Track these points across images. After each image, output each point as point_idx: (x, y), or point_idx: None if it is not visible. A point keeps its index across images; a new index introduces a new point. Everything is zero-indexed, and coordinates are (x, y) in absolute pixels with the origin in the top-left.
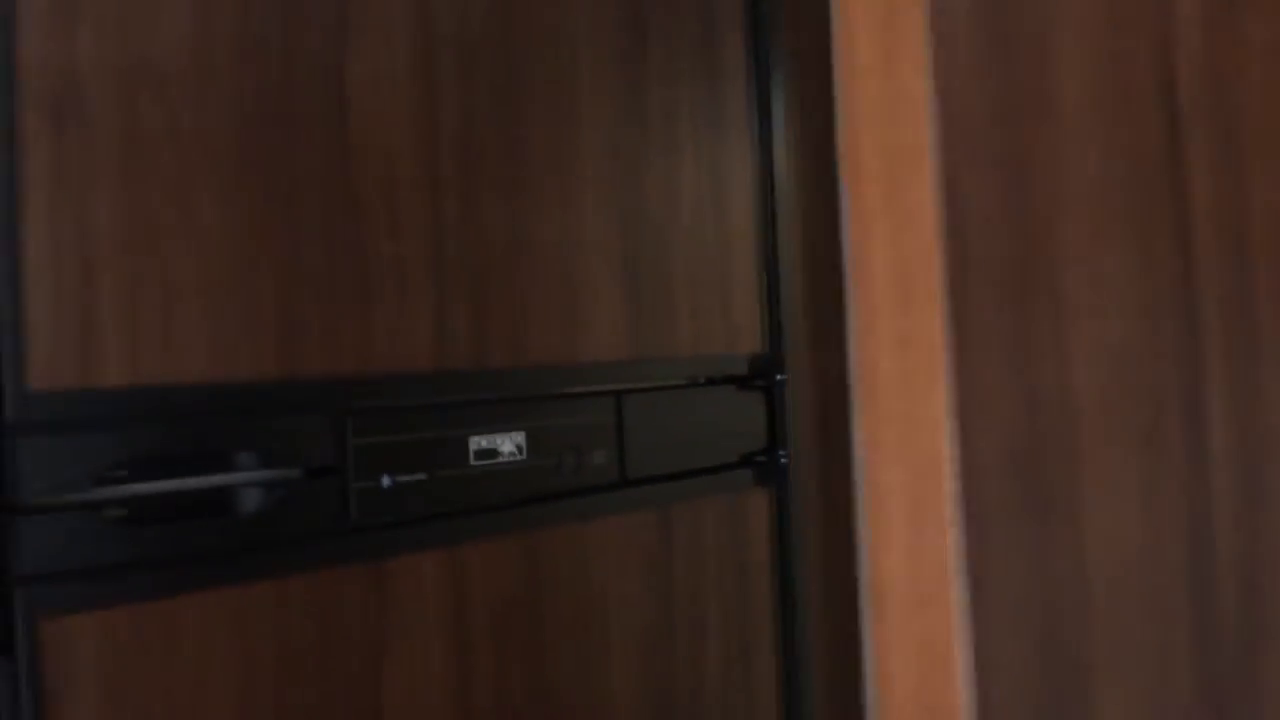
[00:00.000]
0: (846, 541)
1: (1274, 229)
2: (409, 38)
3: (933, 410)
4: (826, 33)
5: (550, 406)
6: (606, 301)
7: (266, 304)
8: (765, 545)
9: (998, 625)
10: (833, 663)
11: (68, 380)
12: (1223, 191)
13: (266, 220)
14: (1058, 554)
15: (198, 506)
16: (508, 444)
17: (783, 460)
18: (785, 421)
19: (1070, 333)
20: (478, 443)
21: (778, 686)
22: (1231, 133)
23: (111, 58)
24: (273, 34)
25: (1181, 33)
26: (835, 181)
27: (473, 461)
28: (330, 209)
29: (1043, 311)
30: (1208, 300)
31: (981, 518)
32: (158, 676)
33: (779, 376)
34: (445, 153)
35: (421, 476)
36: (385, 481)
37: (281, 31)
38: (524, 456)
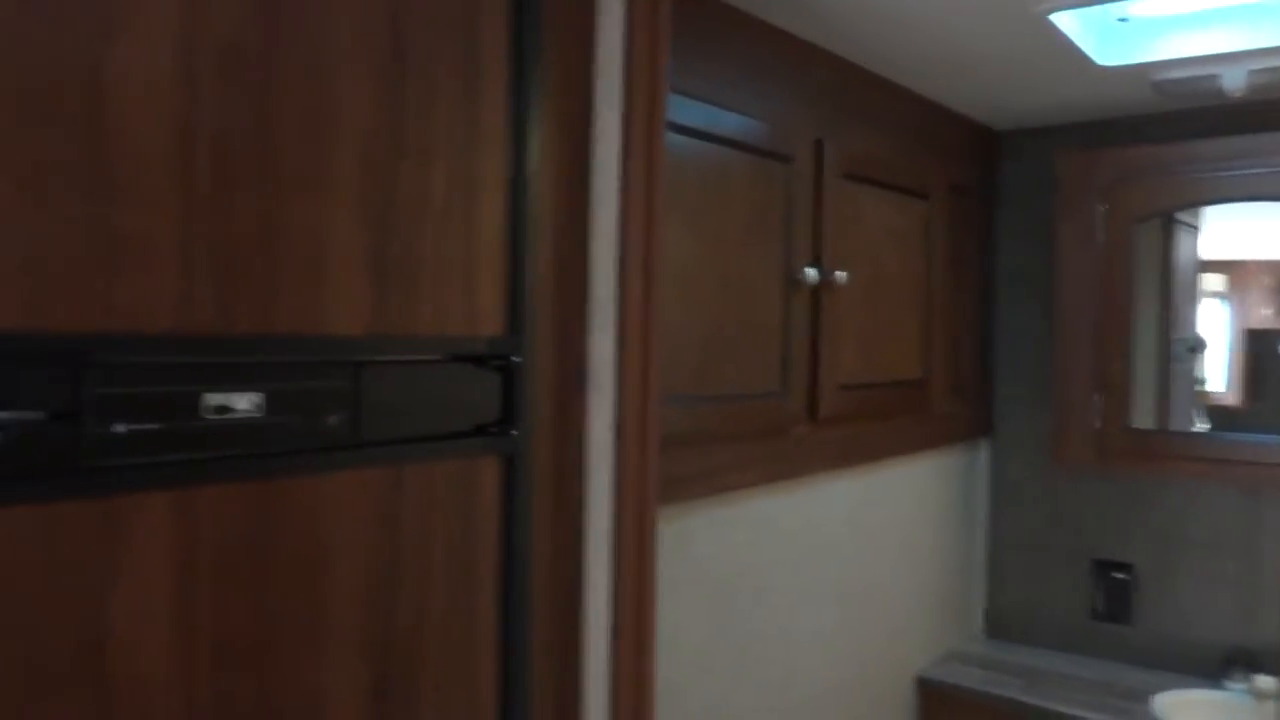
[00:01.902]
0: (573, 508)
1: None
2: (170, 34)
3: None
4: (587, 40)
5: (290, 371)
6: (352, 284)
7: (14, 264)
8: (494, 506)
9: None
10: (553, 613)
11: None
12: None
13: (19, 194)
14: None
15: None
16: (244, 402)
17: (513, 433)
18: (518, 398)
19: None
20: (213, 399)
21: (498, 636)
22: None
23: None
24: (36, 28)
25: None
26: (585, 187)
27: (209, 415)
28: (86, 186)
29: None
30: None
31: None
32: None
33: (515, 358)
34: (201, 142)
35: (155, 426)
36: (119, 428)
37: (46, 23)
38: (262, 415)
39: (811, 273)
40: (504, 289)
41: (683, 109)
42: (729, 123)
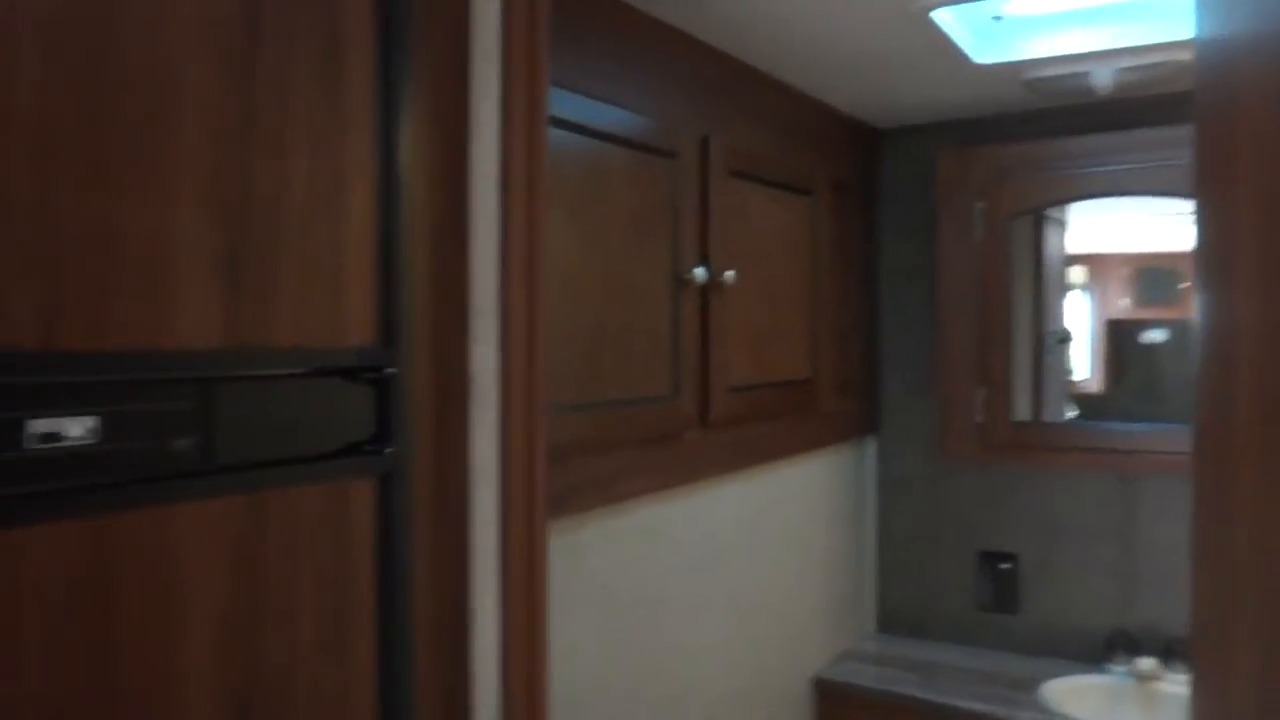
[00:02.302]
0: (457, 526)
1: None
2: None
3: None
4: (461, 27)
5: (129, 391)
6: (201, 292)
7: None
8: (369, 532)
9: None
10: (436, 642)
11: None
12: None
13: None
14: None
15: None
16: (75, 428)
17: (388, 451)
18: (394, 414)
19: None
20: (38, 426)
21: (377, 675)
22: None
23: None
24: None
25: None
26: (463, 185)
27: (34, 445)
28: None
29: None
30: None
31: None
32: None
33: (389, 370)
34: (16, 138)
35: None
36: None
37: None
38: (96, 441)
39: (700, 272)
40: (375, 295)
41: (563, 102)
42: (612, 117)
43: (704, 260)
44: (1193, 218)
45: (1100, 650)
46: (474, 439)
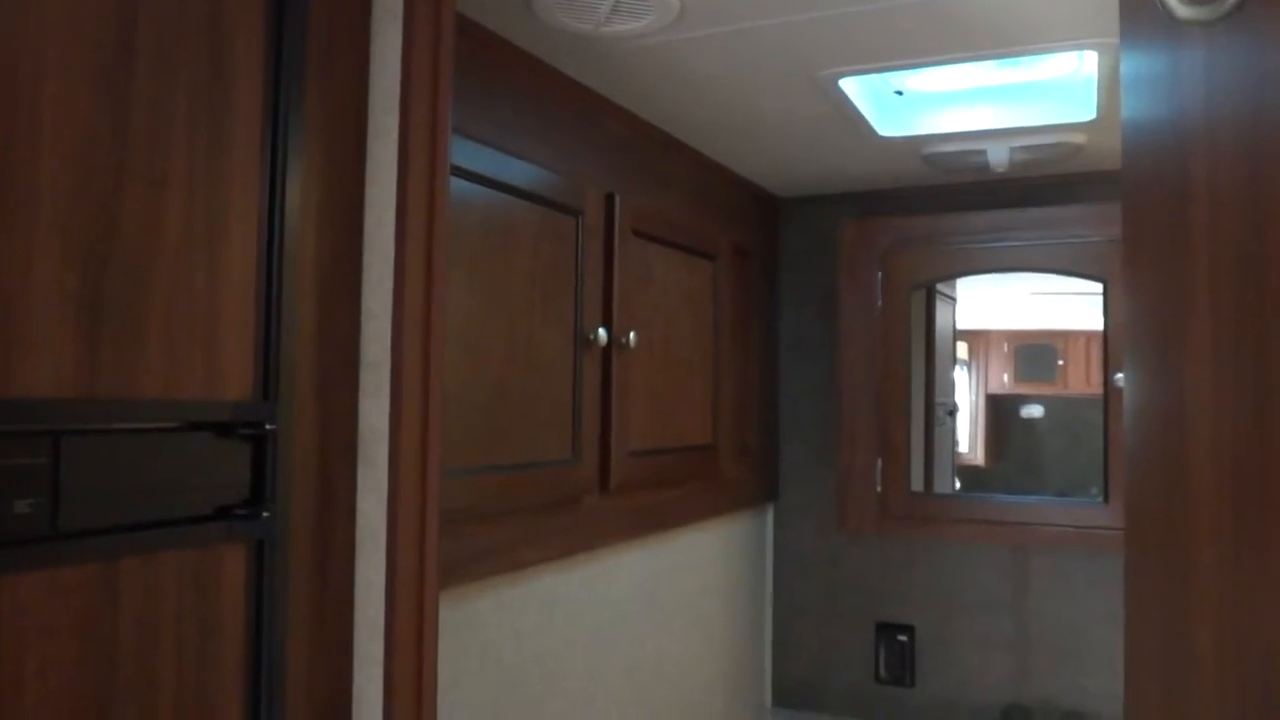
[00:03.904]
0: (340, 596)
1: None
2: None
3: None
4: (359, 64)
5: None
6: (52, 335)
7: None
8: (240, 605)
9: None
10: (311, 710)
11: None
12: None
13: None
14: None
15: None
16: None
17: (265, 515)
18: (272, 474)
19: None
20: None
21: None
22: None
23: None
24: None
25: None
26: (356, 231)
27: None
28: None
29: None
30: None
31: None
32: None
33: (269, 426)
34: None
35: None
36: None
37: None
38: None
39: (602, 333)
40: (255, 345)
41: (467, 153)
42: (518, 171)
43: (607, 321)
44: (1097, 296)
45: None
46: (361, 502)
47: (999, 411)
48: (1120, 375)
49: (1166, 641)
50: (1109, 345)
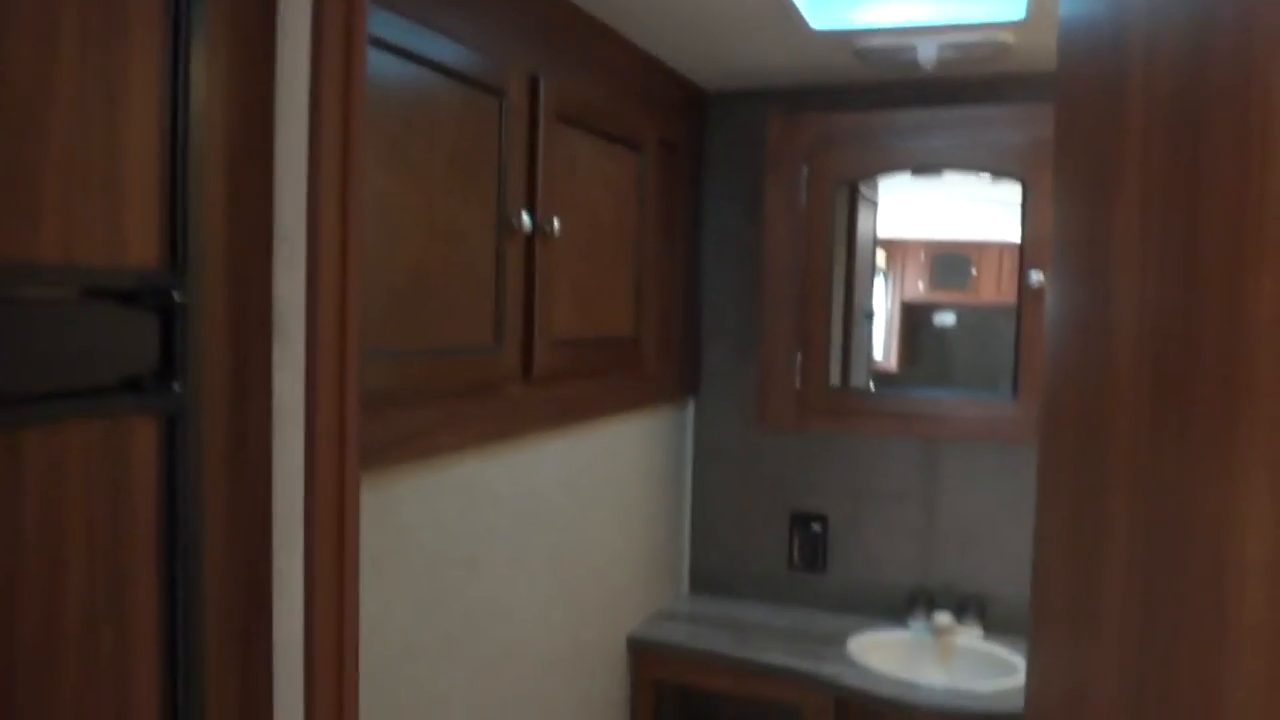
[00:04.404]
0: (258, 476)
1: None
2: None
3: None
4: None
5: None
6: None
7: None
8: (152, 480)
9: None
10: (230, 605)
11: None
12: None
13: None
14: None
15: None
16: None
17: (175, 388)
18: (182, 346)
19: None
20: None
21: (157, 642)
22: None
23: None
24: None
25: None
26: (268, 94)
27: None
28: None
29: None
30: None
31: None
32: None
33: (176, 295)
34: None
35: None
36: None
37: None
38: None
39: (526, 219)
40: (160, 211)
41: (386, 24)
42: (439, 46)
43: (530, 207)
44: (1017, 201)
45: (902, 607)
46: (277, 379)
47: (913, 319)
48: (1036, 273)
49: (1078, 517)
50: (1024, 247)
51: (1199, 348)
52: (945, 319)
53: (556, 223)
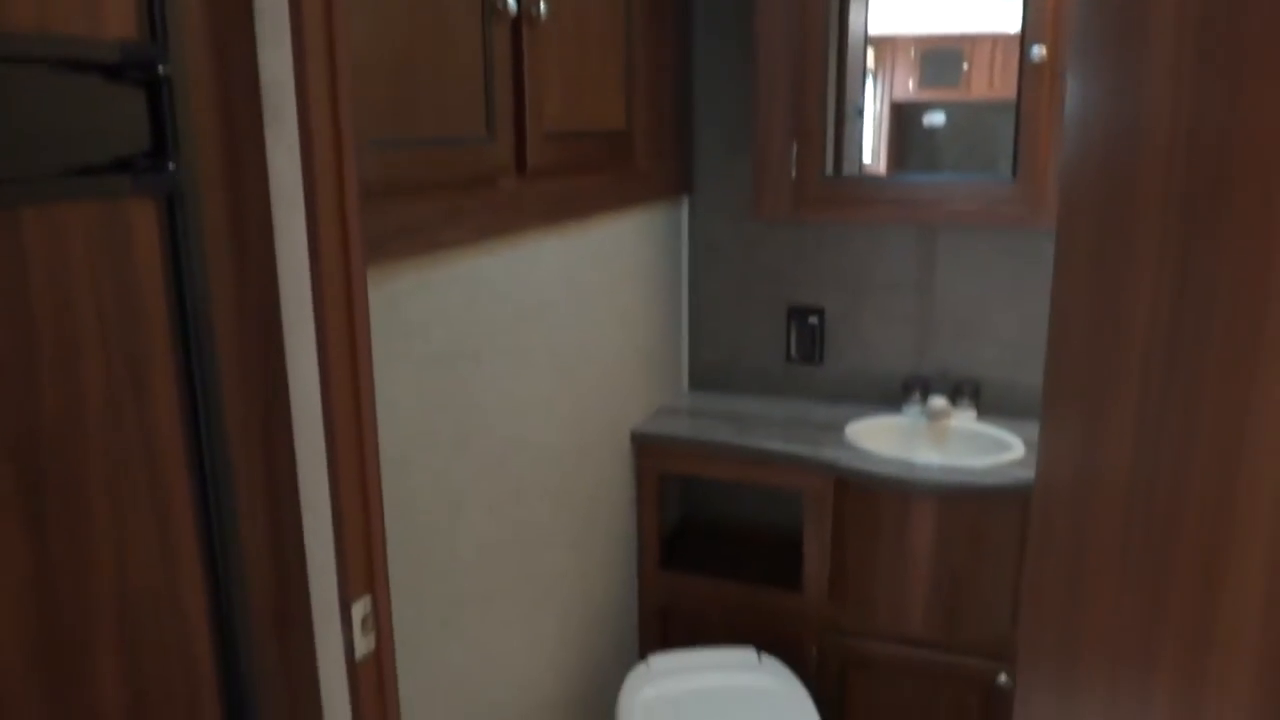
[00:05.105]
0: (262, 263)
1: None
2: None
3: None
4: None
5: None
6: None
7: None
8: (156, 263)
9: None
10: (247, 388)
11: None
12: None
13: None
14: None
15: None
16: None
17: (171, 168)
18: (174, 122)
19: None
20: None
21: (182, 417)
22: None
23: None
24: None
25: None
26: None
27: None
28: None
29: None
30: None
31: None
32: None
33: (161, 70)
34: None
35: None
36: None
37: None
38: None
39: (511, 1)
40: None
41: None
42: None
43: None
44: None
45: (898, 394)
46: (273, 160)
47: (902, 120)
48: (1038, 48)
49: (1097, 296)
50: (1026, 24)
51: (1241, 120)
52: (935, 118)
53: (543, 5)
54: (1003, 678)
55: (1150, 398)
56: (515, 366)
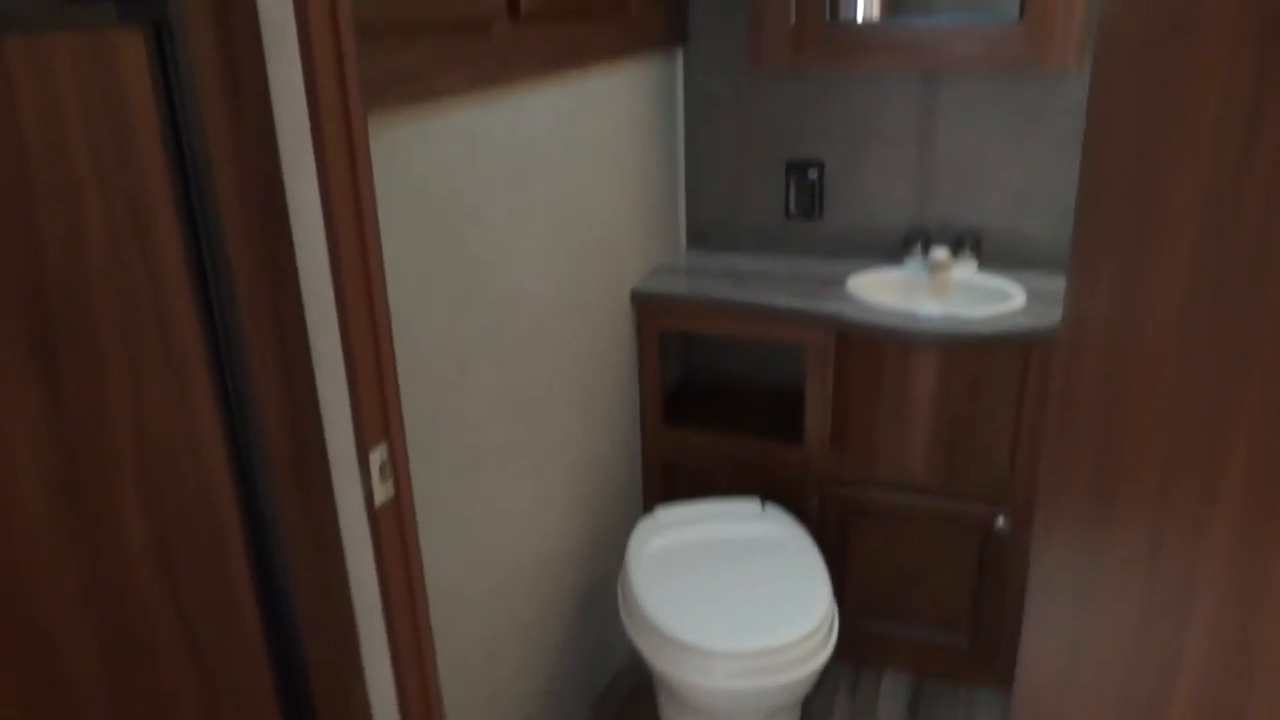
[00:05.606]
0: (255, 96)
1: None
2: None
3: None
4: None
5: None
6: None
7: None
8: (148, 95)
9: None
10: (251, 233)
11: None
12: None
13: None
14: None
15: None
16: None
17: None
18: None
19: None
20: None
21: (190, 265)
22: None
23: None
24: None
25: None
26: None
27: None
28: None
29: None
30: None
31: None
32: None
33: None
34: None
35: None
36: None
37: None
38: None
39: None
40: None
41: None
42: None
43: None
44: None
45: (899, 247)
46: None
47: None
48: None
49: (1144, 137)
50: None
51: None
52: None
53: None
54: (1001, 521)
55: (1210, 231)
56: (513, 222)
